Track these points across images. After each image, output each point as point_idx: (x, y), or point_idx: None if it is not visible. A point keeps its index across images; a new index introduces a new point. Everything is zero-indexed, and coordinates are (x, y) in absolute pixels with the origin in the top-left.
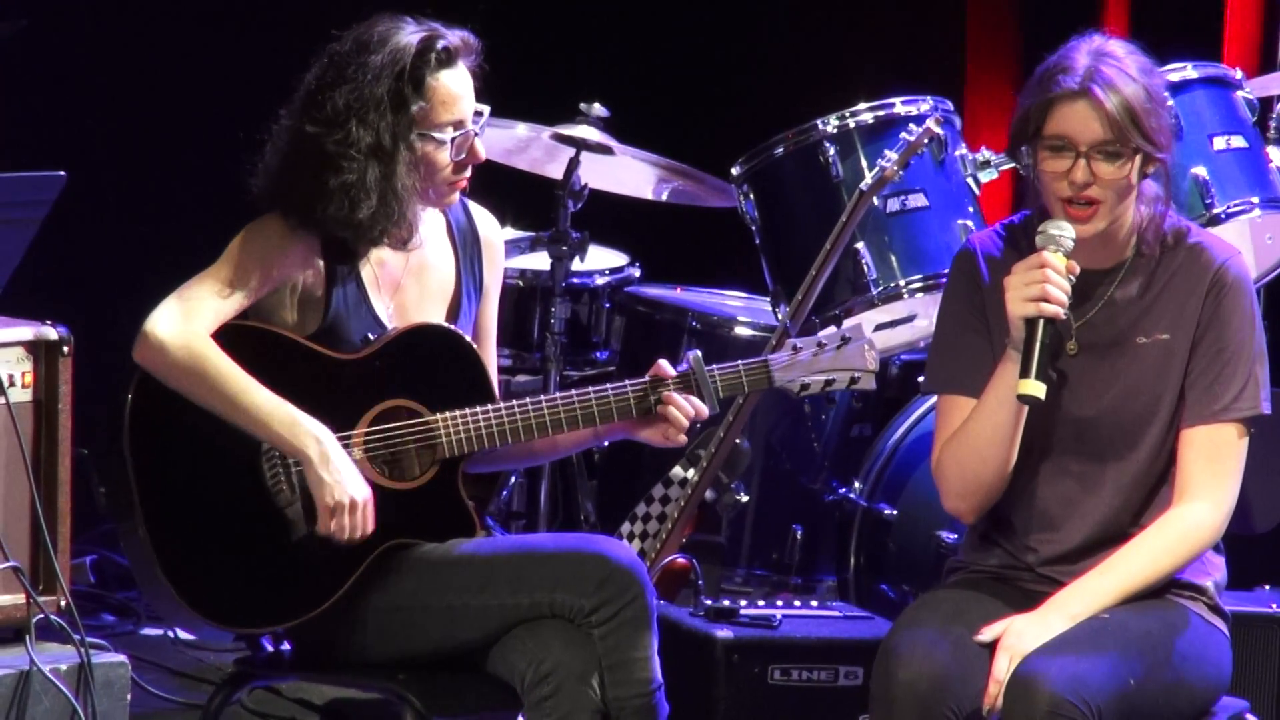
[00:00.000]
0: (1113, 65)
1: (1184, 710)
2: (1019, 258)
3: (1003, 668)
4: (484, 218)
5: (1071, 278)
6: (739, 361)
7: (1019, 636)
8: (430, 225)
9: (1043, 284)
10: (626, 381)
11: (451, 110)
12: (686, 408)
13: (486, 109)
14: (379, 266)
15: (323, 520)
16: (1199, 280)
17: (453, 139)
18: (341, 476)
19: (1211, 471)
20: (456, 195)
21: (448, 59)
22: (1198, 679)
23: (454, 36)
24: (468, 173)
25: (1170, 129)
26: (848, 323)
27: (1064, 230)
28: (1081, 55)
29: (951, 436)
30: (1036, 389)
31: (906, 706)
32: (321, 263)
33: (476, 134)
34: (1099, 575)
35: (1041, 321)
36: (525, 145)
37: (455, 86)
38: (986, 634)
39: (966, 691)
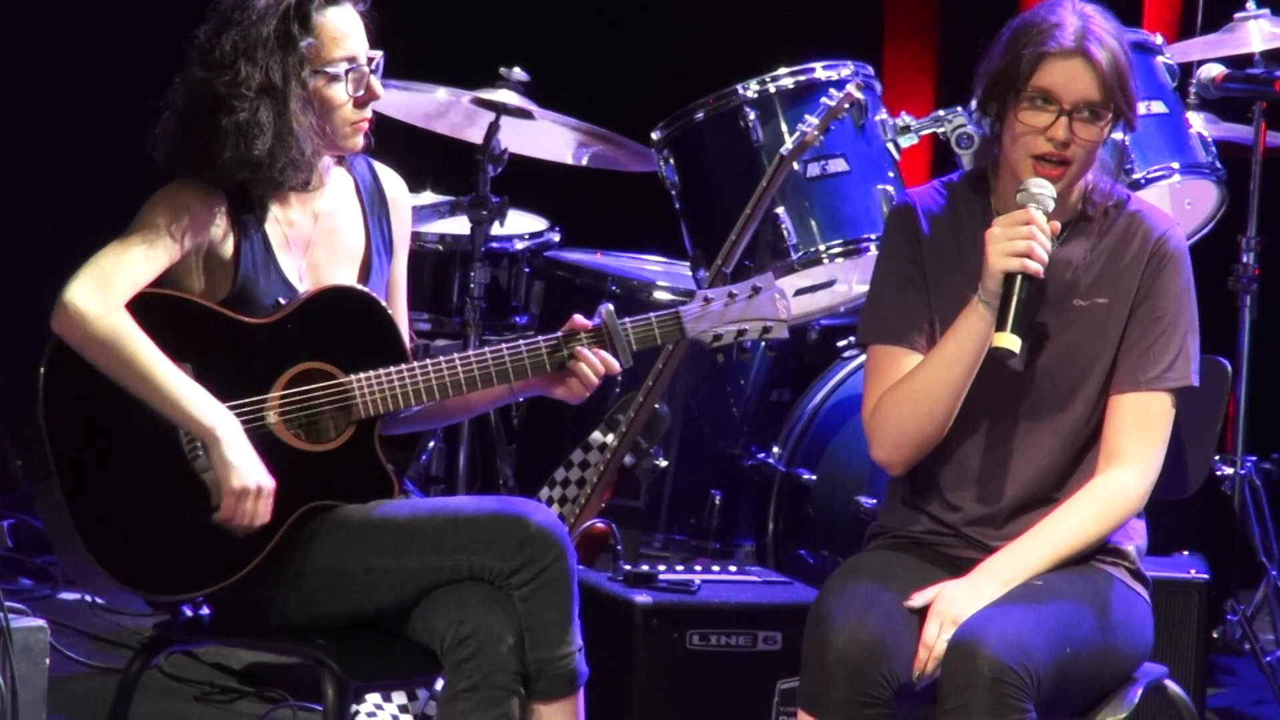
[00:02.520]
0: (1099, 27)
1: (1110, 678)
2: (960, 216)
3: (933, 634)
4: (390, 177)
5: (1054, 237)
6: (651, 314)
7: (950, 602)
8: (338, 186)
9: (1028, 240)
10: (539, 336)
11: (342, 46)
12: (596, 363)
13: (380, 54)
14: (287, 226)
15: (225, 504)
16: (1140, 249)
17: (347, 73)
18: (247, 462)
19: (1140, 439)
20: (360, 139)
21: None
22: (1125, 646)
23: None
24: (368, 112)
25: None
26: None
27: (1045, 189)
28: (1068, 14)
29: (896, 386)
30: (1013, 342)
31: (839, 674)
32: (229, 224)
33: (372, 72)
34: (1029, 540)
35: (1020, 277)
36: (445, 110)
37: (343, 24)
38: (917, 599)
39: (899, 658)
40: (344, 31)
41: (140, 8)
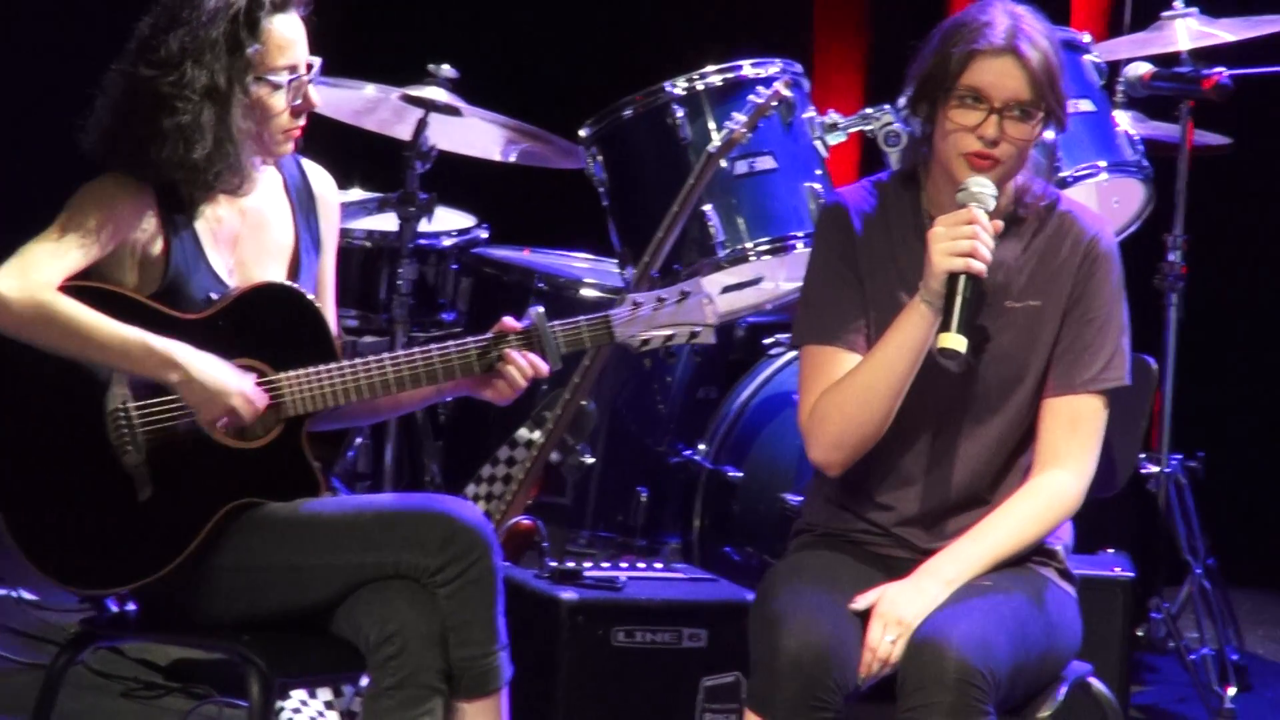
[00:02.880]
0: (1030, 26)
1: (1046, 678)
2: (891, 215)
3: (878, 636)
4: (319, 174)
5: (995, 234)
6: (580, 317)
7: (893, 604)
8: (266, 183)
9: (972, 240)
10: (469, 338)
11: (286, 54)
12: (525, 366)
13: (319, 61)
14: (216, 223)
15: (223, 424)
16: (1072, 250)
17: (289, 82)
18: (211, 386)
19: (1076, 441)
20: (290, 145)
21: (282, 3)
22: (1061, 646)
23: None
24: (302, 120)
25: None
26: (689, 276)
27: (986, 188)
28: (998, 14)
29: (835, 386)
30: (958, 343)
31: (791, 677)
32: (158, 220)
33: (310, 81)
34: (969, 542)
35: (964, 277)
36: (373, 106)
37: (289, 31)
38: (861, 602)
39: (849, 662)
40: (289, 39)
41: None
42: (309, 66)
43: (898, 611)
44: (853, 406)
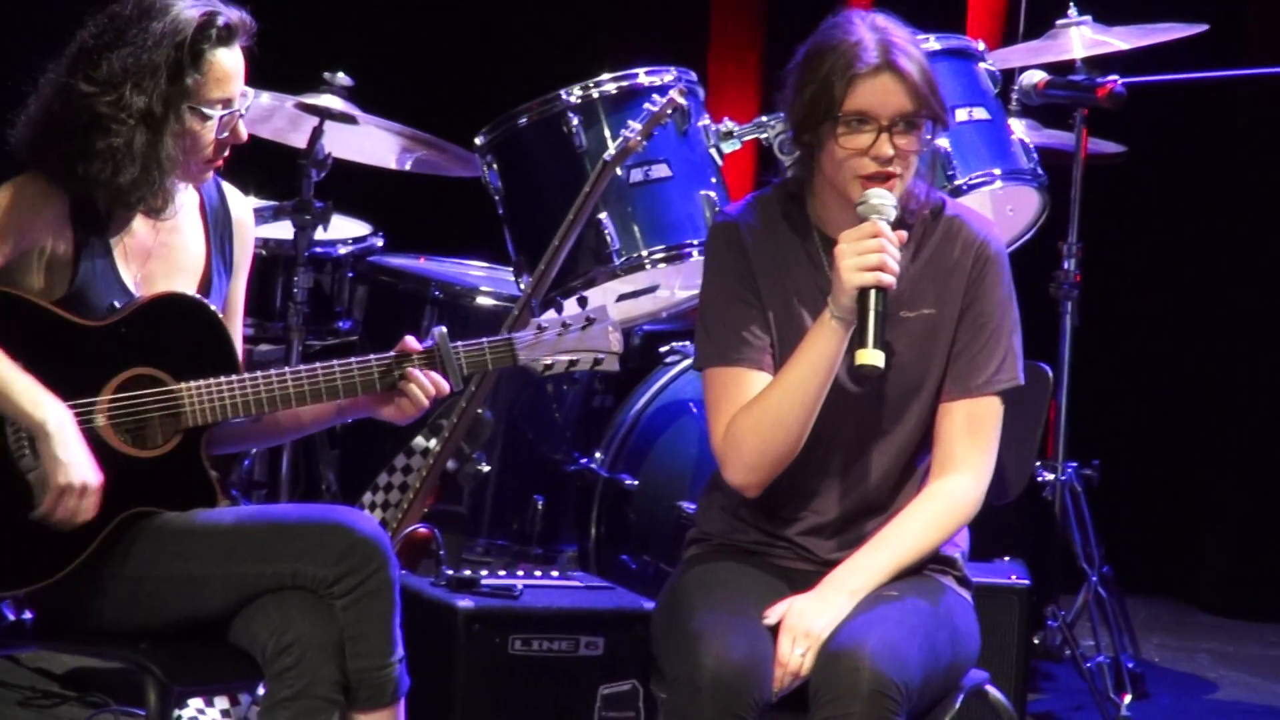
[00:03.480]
0: (898, 37)
1: (949, 686)
2: (780, 231)
3: (787, 650)
4: (236, 197)
5: (901, 246)
6: (484, 339)
7: (801, 616)
8: (184, 202)
9: (879, 254)
10: (371, 356)
11: (224, 88)
12: (427, 385)
13: (252, 92)
14: (128, 236)
15: (49, 499)
16: (962, 256)
17: (220, 117)
18: (76, 458)
19: (972, 444)
20: (210, 174)
21: (227, 36)
22: (963, 654)
23: (234, 14)
24: (226, 152)
25: None
26: (593, 301)
27: (886, 199)
28: (863, 30)
29: (748, 407)
30: (876, 357)
31: (712, 694)
32: (70, 227)
33: (241, 115)
34: (871, 551)
35: (874, 291)
36: (269, 114)
37: (230, 65)
38: (771, 616)
39: (765, 677)
40: (228, 73)
41: None
42: (243, 95)
43: (806, 624)
44: (768, 427)
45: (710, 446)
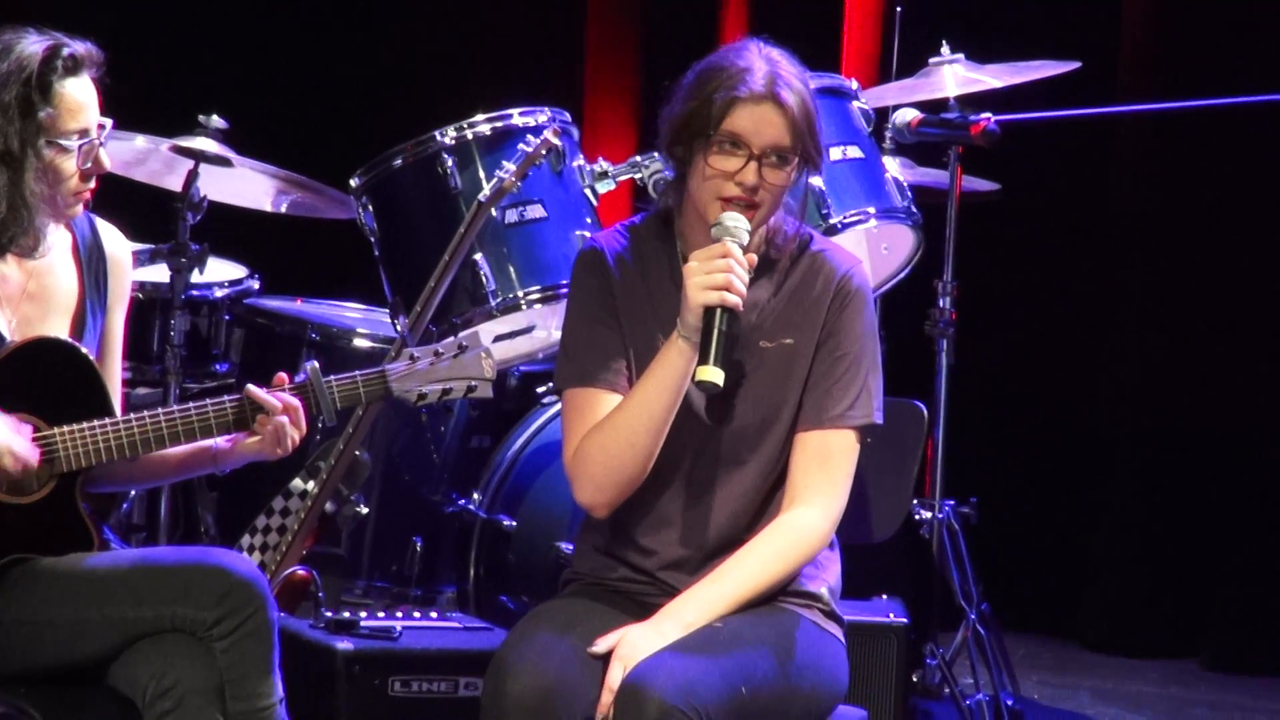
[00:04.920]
0: (787, 72)
1: (799, 718)
2: (647, 257)
3: (616, 677)
4: (110, 233)
5: (750, 269)
6: (356, 372)
7: (633, 646)
8: (54, 241)
9: (726, 274)
10: (225, 396)
11: (78, 118)
12: (275, 403)
13: (110, 122)
14: (0, 282)
15: None
16: (824, 288)
17: (80, 146)
18: None
19: (822, 476)
20: (80, 207)
21: (74, 67)
22: (813, 687)
23: (79, 46)
24: (93, 183)
25: None
26: (465, 331)
27: (740, 222)
28: (756, 59)
29: (599, 425)
30: (716, 375)
31: (514, 717)
32: None
33: (101, 144)
34: (711, 583)
35: (719, 310)
36: (144, 157)
37: (81, 95)
38: (601, 645)
39: (579, 703)
40: (81, 103)
41: None
42: (101, 127)
43: (635, 653)
44: (616, 445)
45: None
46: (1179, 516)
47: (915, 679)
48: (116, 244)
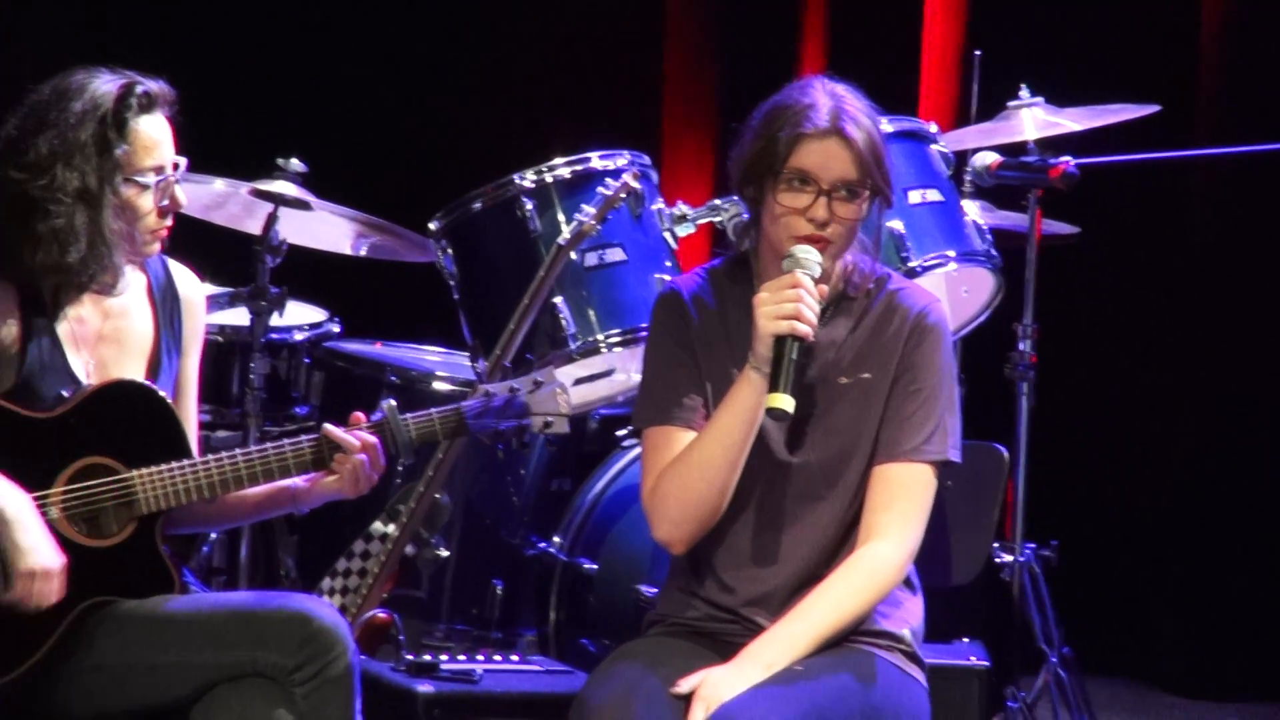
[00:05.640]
0: (852, 106)
1: None
2: (725, 299)
3: (698, 718)
4: (184, 275)
5: (821, 300)
6: (433, 409)
7: (714, 687)
8: (131, 284)
9: (796, 303)
10: (303, 436)
11: (153, 155)
12: (354, 441)
13: (185, 160)
14: (76, 323)
15: (16, 584)
16: (901, 324)
17: (156, 183)
18: (35, 543)
19: (897, 510)
20: (158, 245)
21: (148, 104)
22: None
23: (153, 84)
24: (169, 221)
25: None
26: (541, 368)
27: (810, 254)
28: (820, 95)
29: (675, 460)
30: (786, 402)
31: None
32: (18, 319)
33: (177, 181)
34: (790, 623)
35: (789, 339)
36: (223, 200)
37: (156, 132)
38: (684, 685)
39: None
40: (156, 140)
41: None
42: (175, 166)
43: (718, 694)
44: (692, 479)
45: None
46: (1261, 559)
47: None
48: (190, 286)
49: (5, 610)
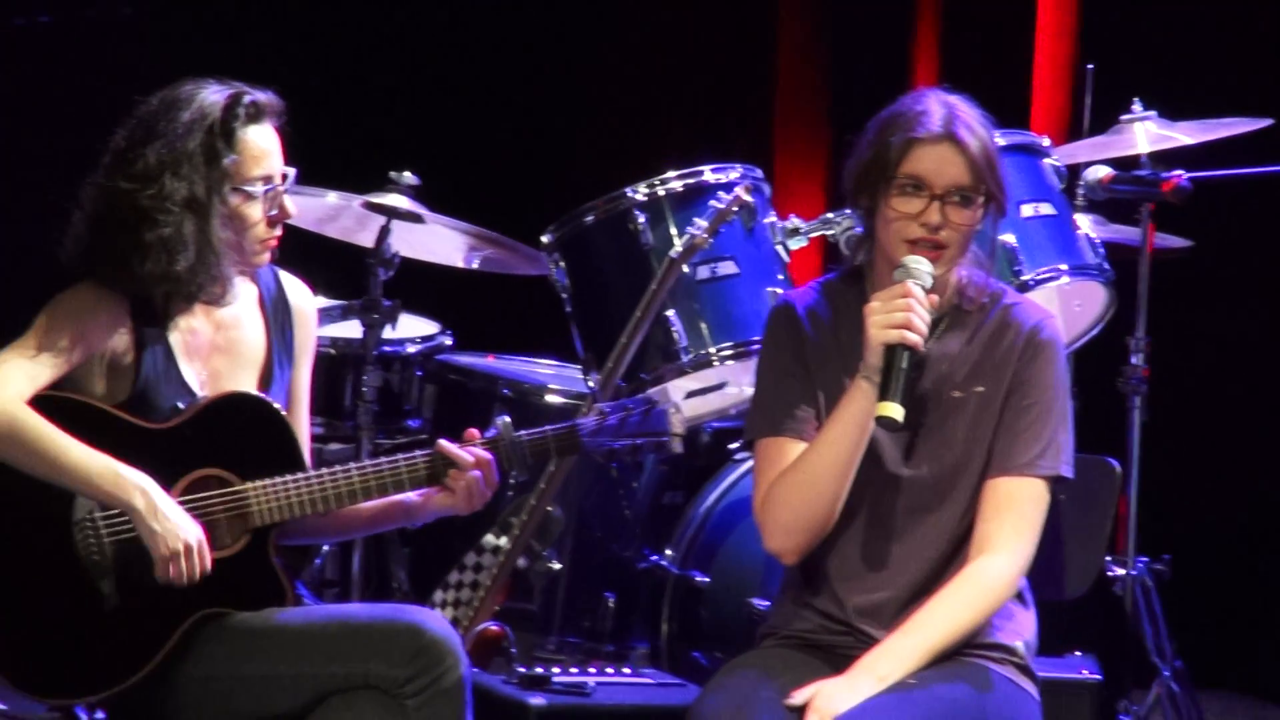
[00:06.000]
0: (965, 113)
1: None
2: (838, 312)
3: None
4: (295, 286)
5: (932, 310)
6: (547, 427)
7: (828, 699)
8: (242, 295)
9: (906, 312)
10: (418, 452)
11: (262, 164)
12: (467, 458)
13: (294, 171)
14: (189, 334)
15: (160, 569)
16: (1015, 339)
17: (264, 192)
18: (170, 523)
19: (1010, 524)
20: (267, 255)
21: (256, 114)
22: None
23: (260, 94)
24: (278, 230)
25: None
26: (655, 387)
27: (922, 264)
28: (933, 103)
29: (786, 470)
30: (896, 411)
31: None
32: (130, 330)
33: (285, 191)
34: (904, 635)
35: (899, 348)
36: (336, 214)
37: (264, 142)
38: (797, 698)
39: None
40: (264, 149)
41: (40, 106)
42: (284, 176)
43: (832, 706)
44: (803, 488)
45: None
46: None
47: None
48: (301, 296)
49: (118, 620)
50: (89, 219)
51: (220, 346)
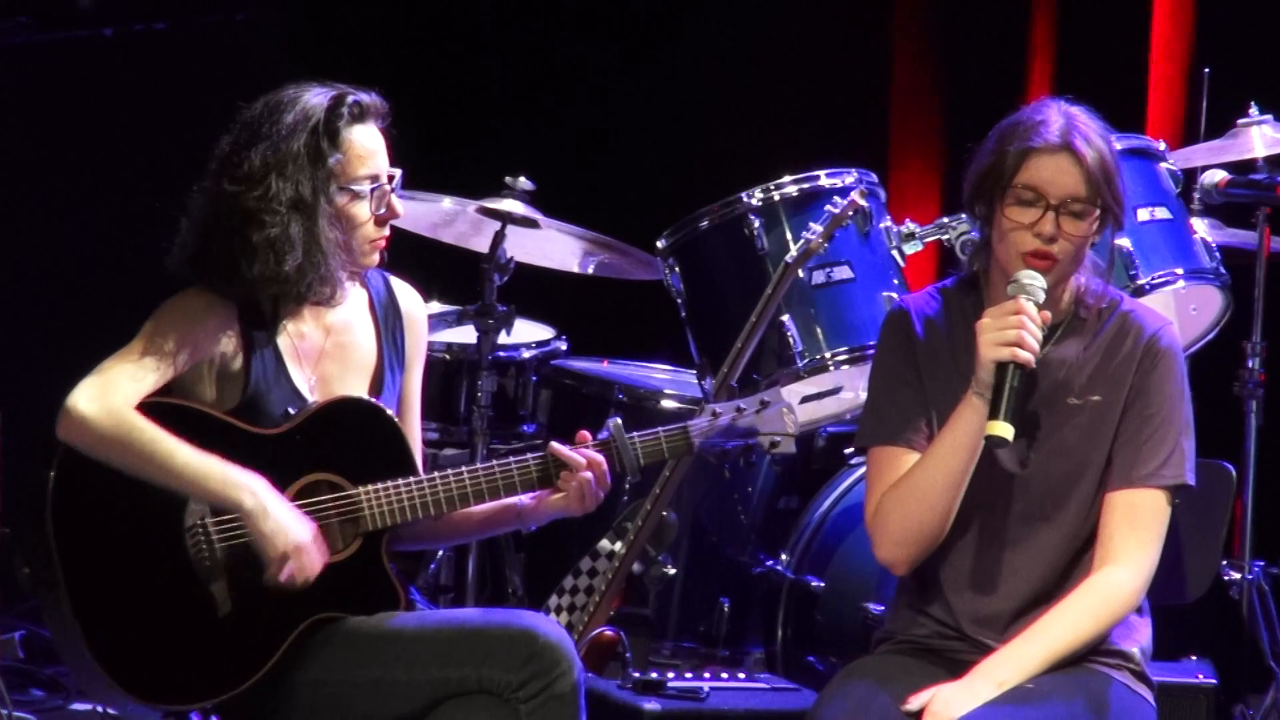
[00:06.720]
0: (1084, 125)
1: None
2: (954, 319)
3: None
4: (405, 291)
5: (1044, 327)
6: (659, 428)
7: (945, 704)
8: (351, 299)
9: (1018, 330)
10: (529, 455)
11: (367, 164)
12: (579, 459)
13: (399, 172)
14: (298, 339)
15: (272, 570)
16: (1134, 347)
17: (372, 191)
18: (281, 523)
19: (1134, 537)
20: (376, 256)
21: (360, 114)
22: None
23: (364, 95)
24: (387, 230)
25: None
26: (768, 387)
27: (1035, 280)
28: (1053, 113)
29: (897, 483)
30: (1005, 430)
31: None
32: (239, 335)
33: (393, 191)
34: (1024, 642)
35: (1011, 366)
36: (451, 219)
37: (369, 141)
38: (914, 702)
39: None
40: (370, 149)
41: (151, 113)
42: (390, 177)
43: (948, 711)
44: (913, 502)
45: None
46: None
47: None
48: (411, 301)
49: (232, 625)
50: (196, 224)
51: (330, 352)
